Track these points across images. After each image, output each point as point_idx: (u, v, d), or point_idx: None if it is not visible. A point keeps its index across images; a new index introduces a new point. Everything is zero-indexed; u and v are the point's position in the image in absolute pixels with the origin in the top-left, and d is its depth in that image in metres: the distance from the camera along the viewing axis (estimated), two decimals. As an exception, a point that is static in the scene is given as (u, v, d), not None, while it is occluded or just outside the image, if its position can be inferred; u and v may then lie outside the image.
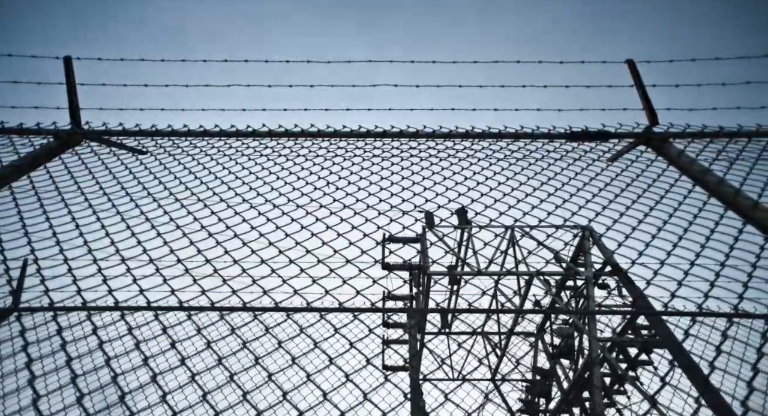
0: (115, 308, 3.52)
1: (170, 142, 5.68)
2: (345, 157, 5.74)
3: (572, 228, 8.88)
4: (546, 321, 9.78)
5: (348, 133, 5.74)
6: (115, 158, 5.40)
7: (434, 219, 8.51)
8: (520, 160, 5.60)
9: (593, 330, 6.72)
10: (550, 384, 8.41)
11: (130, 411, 2.78)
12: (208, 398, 3.12)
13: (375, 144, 5.72)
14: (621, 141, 5.22)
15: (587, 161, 5.32)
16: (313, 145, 5.91)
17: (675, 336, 5.19)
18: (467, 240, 9.33)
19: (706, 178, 4.12)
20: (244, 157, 6.24)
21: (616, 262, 7.83)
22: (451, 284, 10.03)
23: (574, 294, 8.51)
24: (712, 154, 4.77)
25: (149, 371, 3.15)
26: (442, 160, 5.46)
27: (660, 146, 4.86)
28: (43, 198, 4.75)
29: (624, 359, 7.42)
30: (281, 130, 5.87)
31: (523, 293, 8.84)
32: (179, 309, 3.81)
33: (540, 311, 9.03)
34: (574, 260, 8.87)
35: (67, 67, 5.30)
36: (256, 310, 4.34)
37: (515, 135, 5.51)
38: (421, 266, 8.47)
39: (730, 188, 3.96)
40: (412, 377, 3.97)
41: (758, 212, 3.56)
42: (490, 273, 8.76)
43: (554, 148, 5.56)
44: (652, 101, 4.91)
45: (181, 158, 5.59)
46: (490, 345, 10.40)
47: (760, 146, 4.97)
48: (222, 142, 6.26)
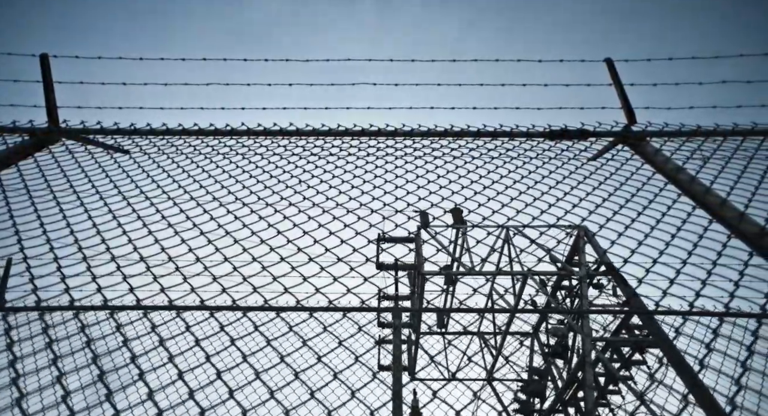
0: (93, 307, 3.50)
1: (147, 140, 5.65)
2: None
3: (567, 228, 8.88)
4: (542, 321, 9.77)
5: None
6: (89, 156, 5.37)
7: (429, 218, 8.52)
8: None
9: (586, 329, 6.72)
10: (544, 383, 8.41)
11: (115, 409, 2.77)
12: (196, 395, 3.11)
13: (351, 143, 5.72)
14: (599, 139, 5.24)
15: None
16: (292, 145, 5.89)
17: (666, 334, 5.19)
18: (462, 239, 9.31)
19: (679, 176, 4.15)
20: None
21: (610, 262, 7.82)
22: (447, 284, 10.02)
23: (569, 294, 8.51)
24: (689, 153, 4.79)
25: (136, 369, 3.14)
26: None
27: (637, 145, 4.89)
28: (10, 196, 4.71)
29: (618, 359, 7.42)
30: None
31: (518, 293, 8.84)
32: (167, 308, 3.80)
33: (532, 311, 9.03)
34: (569, 260, 8.87)
35: (44, 65, 5.25)
36: (245, 309, 4.33)
37: (494, 133, 5.52)
38: (415, 266, 8.45)
39: (700, 186, 3.98)
40: (395, 376, 3.96)
41: (725, 210, 3.58)
42: (484, 272, 8.75)
43: (535, 148, 5.55)
44: (630, 100, 4.93)
45: (156, 157, 5.57)
46: (486, 345, 10.40)
47: (738, 145, 5.00)
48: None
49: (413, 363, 9.75)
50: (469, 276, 9.21)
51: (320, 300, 4.19)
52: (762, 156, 4.91)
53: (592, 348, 6.28)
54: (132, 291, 3.92)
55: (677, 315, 4.91)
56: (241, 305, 4.23)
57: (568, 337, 7.75)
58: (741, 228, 3.36)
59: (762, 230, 3.30)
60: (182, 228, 4.66)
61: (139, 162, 5.42)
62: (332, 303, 3.98)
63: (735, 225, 3.42)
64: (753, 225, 3.38)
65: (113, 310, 3.77)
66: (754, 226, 3.36)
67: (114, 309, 3.92)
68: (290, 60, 5.51)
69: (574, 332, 7.71)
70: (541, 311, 8.60)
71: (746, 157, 4.86)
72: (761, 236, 3.24)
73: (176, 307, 4.07)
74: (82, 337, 3.89)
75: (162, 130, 5.67)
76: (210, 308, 4.02)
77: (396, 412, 3.60)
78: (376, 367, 10.32)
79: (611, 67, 5.01)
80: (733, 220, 3.45)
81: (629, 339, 6.70)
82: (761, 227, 3.37)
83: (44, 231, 4.59)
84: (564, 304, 8.65)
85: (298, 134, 5.73)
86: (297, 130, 5.76)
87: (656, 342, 5.94)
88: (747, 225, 3.37)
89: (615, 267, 7.87)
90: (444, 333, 10.67)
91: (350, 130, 5.66)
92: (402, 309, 4.89)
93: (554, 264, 8.86)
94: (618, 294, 7.95)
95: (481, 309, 10.51)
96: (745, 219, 3.45)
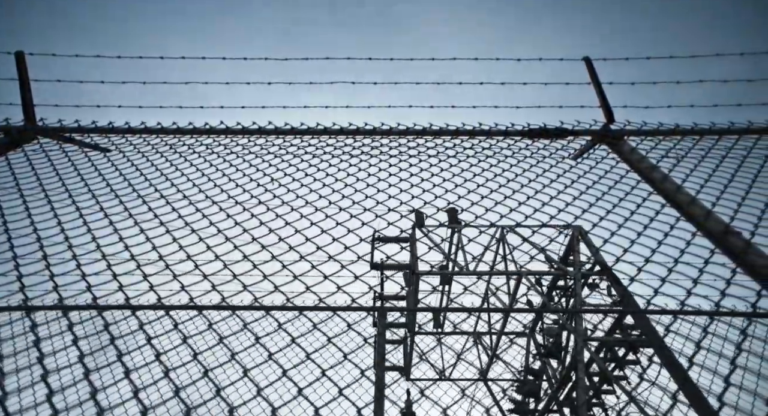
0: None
1: (124, 138, 5.62)
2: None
3: (562, 228, 8.88)
4: (538, 321, 9.77)
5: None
6: (63, 155, 5.33)
7: (424, 218, 8.51)
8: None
9: (579, 329, 6.71)
10: (539, 383, 8.40)
11: (100, 407, 2.76)
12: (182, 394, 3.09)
13: (328, 141, 5.70)
14: (576, 138, 5.25)
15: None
16: (269, 144, 5.87)
17: (657, 332, 5.19)
18: (458, 239, 9.31)
19: (653, 174, 4.17)
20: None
21: (604, 262, 7.82)
22: (442, 284, 10.02)
23: (564, 294, 8.51)
24: (667, 152, 4.82)
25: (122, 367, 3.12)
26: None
27: (615, 143, 4.92)
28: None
29: (611, 358, 7.41)
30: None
31: (512, 293, 8.84)
32: (155, 307, 3.79)
33: (525, 310, 9.02)
34: (565, 259, 8.86)
35: (19, 63, 5.23)
36: (235, 309, 4.32)
37: (472, 132, 5.51)
38: (409, 265, 8.45)
39: (672, 185, 4.01)
40: (377, 375, 3.95)
41: (693, 208, 3.60)
42: (479, 272, 8.75)
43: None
44: (609, 99, 4.94)
45: (132, 155, 5.53)
46: (481, 344, 10.39)
47: (720, 144, 5.02)
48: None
49: (408, 362, 9.74)
50: (463, 276, 9.21)
51: (312, 298, 4.20)
52: (737, 155, 4.94)
53: (584, 347, 6.28)
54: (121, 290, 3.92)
55: (667, 315, 4.91)
56: (231, 304, 4.23)
57: (561, 337, 7.75)
58: (707, 226, 3.38)
59: (726, 228, 3.31)
60: (152, 226, 4.64)
61: (114, 160, 5.37)
62: (322, 301, 3.97)
63: (701, 223, 3.44)
64: (718, 222, 3.40)
65: (100, 310, 3.76)
66: (719, 224, 3.38)
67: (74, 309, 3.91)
68: (269, 59, 5.51)
69: (567, 332, 7.70)
70: (533, 310, 8.59)
71: (721, 155, 4.88)
72: (725, 234, 3.26)
73: (165, 307, 4.06)
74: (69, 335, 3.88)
75: (140, 129, 5.63)
76: (199, 307, 4.01)
77: (377, 411, 3.60)
78: (375, 367, 10.32)
79: (590, 66, 5.02)
80: (699, 218, 3.46)
81: (622, 339, 6.70)
82: (725, 225, 3.38)
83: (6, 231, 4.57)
84: (560, 304, 8.65)
85: (264, 132, 5.73)
86: (259, 129, 5.74)
87: (648, 342, 5.94)
88: (712, 223, 3.39)
89: (609, 267, 7.87)
90: (439, 334, 10.67)
91: (330, 129, 5.65)
92: (388, 309, 4.88)
93: (550, 264, 8.86)
94: (612, 293, 7.96)
95: (475, 308, 10.51)
96: (711, 217, 3.47)
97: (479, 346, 10.42)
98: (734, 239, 3.18)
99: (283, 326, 3.83)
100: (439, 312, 9.97)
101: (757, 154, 4.88)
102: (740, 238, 3.24)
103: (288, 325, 4.03)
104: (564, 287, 8.68)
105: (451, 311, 10.26)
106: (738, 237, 3.24)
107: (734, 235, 3.25)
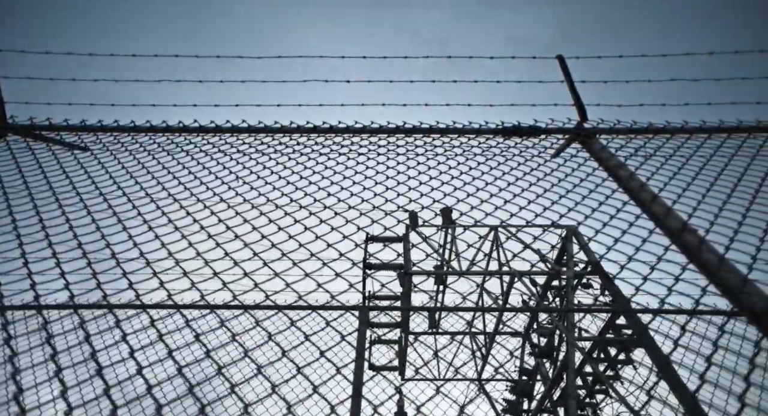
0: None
1: (95, 136, 5.57)
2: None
3: (556, 228, 8.83)
4: (533, 322, 9.71)
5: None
6: (29, 153, 5.28)
7: (418, 219, 8.48)
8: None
9: (570, 328, 6.66)
10: (532, 383, 8.36)
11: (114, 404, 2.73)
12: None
13: (299, 140, 5.66)
14: (549, 136, 5.23)
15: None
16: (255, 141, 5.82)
17: (648, 331, 5.14)
18: (451, 240, 9.26)
19: (620, 172, 4.17)
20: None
21: (597, 261, 7.76)
22: (437, 284, 9.97)
23: (557, 294, 8.46)
24: (641, 150, 4.81)
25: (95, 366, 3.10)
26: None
27: (586, 142, 4.91)
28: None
29: (604, 358, 7.36)
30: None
31: (505, 293, 8.79)
32: (133, 306, 3.76)
33: (517, 309, 8.97)
34: (559, 260, 8.81)
35: None
36: (216, 308, 4.29)
37: (445, 130, 5.49)
38: (402, 266, 8.40)
39: (636, 182, 4.00)
40: (356, 374, 3.92)
41: (655, 206, 3.60)
42: (472, 272, 8.70)
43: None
44: (583, 98, 4.92)
45: (100, 154, 5.47)
46: (476, 346, 10.35)
47: (691, 142, 5.03)
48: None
49: (403, 363, 9.69)
50: (457, 276, 9.17)
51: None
52: (705, 153, 4.93)
53: (574, 346, 6.23)
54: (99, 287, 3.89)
55: (651, 313, 4.86)
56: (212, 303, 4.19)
57: (554, 337, 7.70)
58: (666, 224, 3.36)
59: (683, 226, 3.29)
60: (130, 224, 4.61)
61: (80, 158, 5.32)
62: (302, 298, 3.94)
63: (661, 220, 3.41)
64: (677, 220, 3.38)
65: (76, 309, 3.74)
66: (677, 221, 3.36)
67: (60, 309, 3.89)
68: (242, 57, 5.48)
69: (560, 332, 7.65)
70: (524, 310, 8.54)
71: (689, 154, 4.88)
72: (681, 231, 3.23)
73: (145, 306, 4.03)
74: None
75: (113, 127, 5.59)
76: (178, 306, 3.97)
77: (354, 410, 3.56)
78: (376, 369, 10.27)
79: (563, 64, 4.99)
80: (660, 216, 3.44)
81: (612, 339, 6.64)
82: (683, 222, 3.36)
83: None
84: (554, 303, 8.59)
85: (236, 131, 5.69)
86: (232, 127, 5.70)
87: (639, 341, 5.89)
88: (671, 221, 3.37)
89: (601, 267, 7.82)
90: (434, 334, 10.62)
91: (302, 127, 5.60)
92: (369, 308, 4.86)
93: (545, 264, 8.81)
94: (605, 293, 7.90)
95: (466, 308, 10.46)
96: (671, 215, 3.45)
97: (474, 346, 10.38)
98: (690, 236, 3.17)
99: (261, 323, 3.79)
100: (434, 311, 9.93)
101: (725, 153, 4.88)
102: (696, 236, 3.22)
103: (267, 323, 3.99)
104: (558, 287, 8.63)
105: (443, 310, 10.21)
106: (694, 235, 3.22)
107: (691, 233, 3.23)
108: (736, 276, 2.89)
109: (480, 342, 10.26)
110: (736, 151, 4.95)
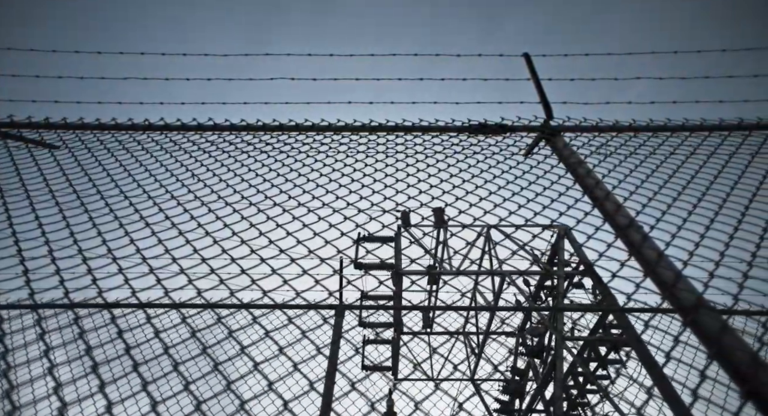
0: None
1: (75, 134, 5.54)
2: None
3: (548, 228, 8.92)
4: (526, 322, 9.80)
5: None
6: (5, 152, 5.23)
7: (410, 218, 8.53)
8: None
9: (559, 328, 6.75)
10: (524, 383, 8.43)
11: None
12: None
13: (262, 138, 5.67)
14: (514, 134, 5.31)
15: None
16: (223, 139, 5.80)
17: (635, 329, 5.22)
18: (443, 240, 9.34)
19: (578, 169, 4.25)
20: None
21: (588, 260, 7.86)
22: (430, 283, 10.04)
23: (549, 294, 8.54)
24: (603, 148, 4.93)
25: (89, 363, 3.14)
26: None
27: (551, 139, 5.01)
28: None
29: (595, 358, 7.45)
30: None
31: (497, 292, 8.87)
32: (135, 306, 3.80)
33: (509, 308, 9.05)
34: (551, 259, 8.90)
35: None
36: (215, 307, 4.33)
37: (411, 128, 5.52)
38: (394, 265, 8.47)
39: (592, 179, 4.09)
40: (328, 371, 3.97)
41: (608, 204, 3.68)
42: (464, 272, 8.78)
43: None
44: (549, 96, 5.00)
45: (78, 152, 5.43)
46: (469, 346, 10.42)
47: (646, 140, 5.16)
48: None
49: (396, 362, 9.75)
50: (450, 275, 9.24)
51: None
52: (665, 151, 5.04)
53: (563, 345, 6.31)
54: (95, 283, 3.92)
55: (645, 313, 4.95)
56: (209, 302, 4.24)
57: (545, 337, 7.79)
58: (616, 220, 3.44)
59: (630, 222, 3.37)
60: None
61: (58, 157, 5.27)
62: (266, 294, 3.97)
63: (611, 217, 3.50)
64: (625, 217, 3.47)
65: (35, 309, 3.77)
66: (626, 218, 3.44)
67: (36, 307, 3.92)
68: (208, 55, 5.51)
69: (549, 331, 7.74)
70: (514, 308, 8.62)
71: (648, 152, 5.00)
72: (628, 227, 3.31)
73: (143, 305, 4.07)
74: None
75: (95, 125, 5.55)
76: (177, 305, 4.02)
77: (324, 410, 3.62)
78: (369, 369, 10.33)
79: (529, 62, 5.06)
80: (610, 213, 3.53)
81: (601, 338, 6.73)
82: (631, 219, 3.45)
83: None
84: (547, 303, 8.68)
85: (218, 129, 5.70)
86: (214, 125, 5.69)
87: (627, 340, 5.97)
88: (621, 218, 3.46)
89: (592, 266, 7.91)
90: (428, 333, 10.69)
91: (268, 124, 5.60)
92: (344, 307, 4.89)
93: (537, 264, 8.90)
94: (596, 292, 8.00)
95: (460, 307, 10.54)
96: (620, 212, 3.53)
97: (467, 346, 10.45)
98: (634, 233, 3.26)
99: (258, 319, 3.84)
100: (427, 311, 9.99)
101: (684, 151, 5.00)
102: (640, 232, 3.31)
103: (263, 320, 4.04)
104: (551, 286, 8.72)
105: (436, 309, 10.27)
106: (638, 232, 3.31)
107: (636, 230, 3.32)
108: (672, 272, 2.97)
109: (474, 341, 10.34)
110: (694, 149, 5.08)
